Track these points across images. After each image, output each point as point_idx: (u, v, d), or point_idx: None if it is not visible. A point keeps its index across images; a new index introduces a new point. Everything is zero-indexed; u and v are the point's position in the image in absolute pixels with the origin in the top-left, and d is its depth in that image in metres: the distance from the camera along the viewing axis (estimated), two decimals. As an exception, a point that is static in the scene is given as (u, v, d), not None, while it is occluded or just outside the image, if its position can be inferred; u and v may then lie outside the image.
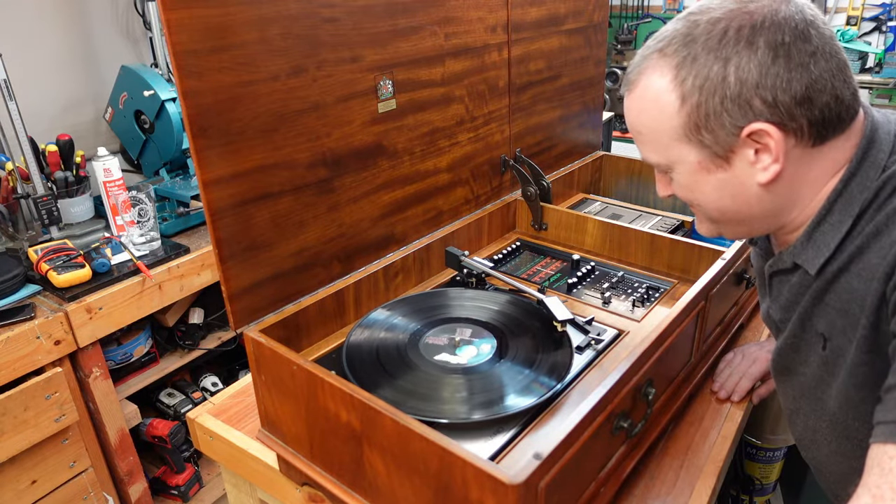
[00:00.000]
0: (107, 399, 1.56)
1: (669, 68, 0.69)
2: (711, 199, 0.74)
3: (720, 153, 0.69)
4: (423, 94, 1.11)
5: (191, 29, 0.75)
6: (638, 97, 0.73)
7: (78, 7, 1.98)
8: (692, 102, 0.68)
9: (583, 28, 1.51)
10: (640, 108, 0.73)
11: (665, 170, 0.76)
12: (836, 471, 0.82)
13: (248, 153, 0.85)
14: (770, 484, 1.48)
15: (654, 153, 0.75)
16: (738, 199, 0.72)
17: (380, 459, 0.72)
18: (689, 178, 0.73)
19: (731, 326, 1.15)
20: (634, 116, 0.75)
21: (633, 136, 0.78)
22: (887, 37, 3.52)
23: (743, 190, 0.71)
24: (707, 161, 0.70)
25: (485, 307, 1.02)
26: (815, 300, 0.74)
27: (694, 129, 0.69)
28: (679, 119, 0.69)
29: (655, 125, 0.72)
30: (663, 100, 0.70)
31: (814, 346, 0.77)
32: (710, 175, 0.71)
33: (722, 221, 0.77)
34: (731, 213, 0.74)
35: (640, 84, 0.73)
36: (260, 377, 0.86)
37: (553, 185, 1.38)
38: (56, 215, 1.63)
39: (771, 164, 0.68)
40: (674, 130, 0.71)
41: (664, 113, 0.70)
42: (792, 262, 0.76)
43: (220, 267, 0.85)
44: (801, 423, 0.84)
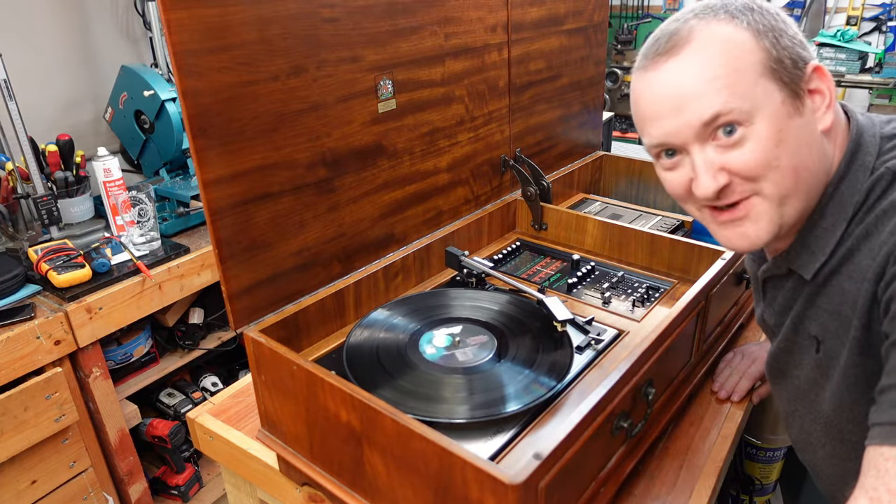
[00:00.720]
0: (107, 399, 1.56)
1: (727, 19, 0.67)
2: (795, 153, 0.67)
3: (797, 92, 0.68)
4: (423, 94, 1.11)
5: (191, 29, 0.75)
6: (700, 49, 0.67)
7: (78, 7, 1.98)
8: (766, 39, 0.67)
9: (583, 28, 1.51)
10: (710, 56, 0.66)
11: (744, 119, 0.66)
12: (831, 473, 0.82)
13: (248, 153, 0.85)
14: (770, 484, 1.48)
15: (737, 96, 0.65)
16: (813, 151, 0.69)
17: (380, 459, 0.72)
18: (775, 123, 0.66)
19: (731, 326, 1.15)
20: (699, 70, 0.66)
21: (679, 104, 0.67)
22: (887, 37, 3.52)
23: (814, 139, 0.69)
24: (788, 102, 0.67)
25: (485, 307, 1.02)
26: (808, 303, 0.74)
27: (776, 62, 0.66)
28: (760, 53, 0.66)
29: (735, 64, 0.66)
30: (738, 37, 0.67)
31: (807, 349, 0.77)
32: (791, 121, 0.67)
33: (793, 193, 0.69)
34: (806, 175, 0.69)
35: (694, 39, 0.67)
36: (260, 377, 0.86)
37: (553, 185, 1.38)
38: (56, 215, 1.63)
39: (826, 111, 0.69)
40: (758, 64, 0.66)
41: (744, 48, 0.66)
42: (786, 267, 0.76)
43: (220, 267, 0.85)
44: (797, 426, 0.85)
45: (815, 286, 0.73)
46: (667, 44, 0.69)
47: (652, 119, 0.71)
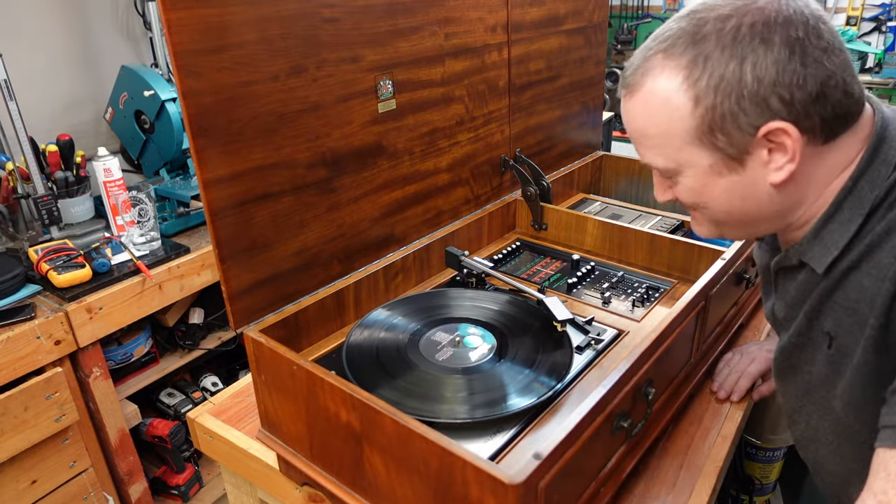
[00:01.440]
0: (107, 399, 1.56)
1: (679, 69, 0.66)
2: (720, 203, 0.72)
3: (734, 155, 0.67)
4: (423, 94, 1.11)
5: (191, 29, 0.75)
6: (643, 101, 0.70)
7: (78, 7, 1.98)
8: (707, 104, 0.65)
9: (583, 28, 1.51)
10: (648, 112, 0.70)
11: (671, 174, 0.73)
12: (834, 471, 0.81)
13: (248, 153, 0.85)
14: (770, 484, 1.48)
15: (662, 157, 0.72)
16: (749, 201, 0.70)
17: (380, 459, 0.72)
18: (698, 181, 0.71)
19: (731, 326, 1.15)
20: (639, 121, 0.72)
21: (633, 140, 0.75)
22: (887, 37, 3.52)
23: (754, 191, 0.69)
24: (720, 164, 0.68)
25: (485, 307, 1.02)
26: (823, 298, 0.73)
27: (707, 132, 0.67)
28: (692, 121, 0.67)
29: (665, 128, 0.69)
30: (674, 102, 0.67)
31: (819, 344, 0.75)
32: (721, 178, 0.69)
33: (727, 224, 0.75)
34: (739, 216, 0.73)
35: (644, 86, 0.70)
36: (260, 377, 0.86)
37: (553, 185, 1.38)
38: (56, 215, 1.63)
39: (786, 164, 0.66)
40: (686, 133, 0.68)
41: (676, 115, 0.68)
42: (798, 259, 0.75)
43: (220, 267, 0.85)
44: (803, 423, 0.83)
45: (832, 281, 0.71)
46: (627, 78, 0.72)
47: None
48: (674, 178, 0.73)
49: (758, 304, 1.27)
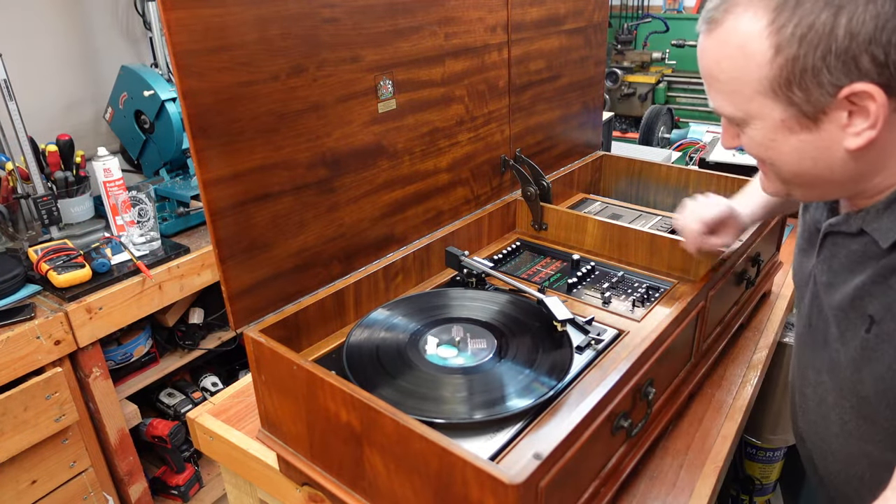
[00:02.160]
0: (107, 399, 1.56)
1: (767, 10, 0.60)
2: (788, 161, 0.66)
3: (809, 113, 0.62)
4: (423, 94, 1.11)
5: (191, 29, 0.75)
6: (721, 40, 0.64)
7: (78, 7, 1.98)
8: (788, 54, 0.60)
9: (583, 28, 1.51)
10: (722, 54, 0.64)
11: (739, 122, 0.68)
12: (839, 450, 0.79)
13: (248, 153, 0.85)
14: (770, 484, 1.48)
15: (731, 105, 0.66)
16: (820, 164, 0.65)
17: (380, 459, 0.72)
18: (766, 135, 0.65)
19: (731, 326, 1.15)
20: (712, 61, 0.66)
21: (704, 80, 0.69)
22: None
23: (827, 154, 0.64)
24: (792, 120, 0.63)
25: (485, 307, 1.02)
26: (878, 277, 0.67)
27: (785, 84, 0.61)
28: (769, 71, 0.61)
29: (739, 74, 0.64)
30: (753, 47, 0.61)
31: (857, 325, 0.71)
32: (791, 135, 0.64)
33: (794, 183, 0.70)
34: (808, 178, 0.67)
35: (725, 24, 0.63)
36: (260, 377, 0.86)
37: (553, 185, 1.38)
38: (56, 215, 1.63)
39: (865, 130, 0.60)
40: (760, 83, 0.62)
41: (752, 62, 0.62)
42: (859, 227, 0.69)
43: (220, 267, 0.85)
44: (816, 398, 0.80)
45: (890, 260, 0.65)
46: (709, 12, 0.66)
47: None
48: (742, 126, 0.68)
49: (758, 304, 1.28)
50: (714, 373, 1.09)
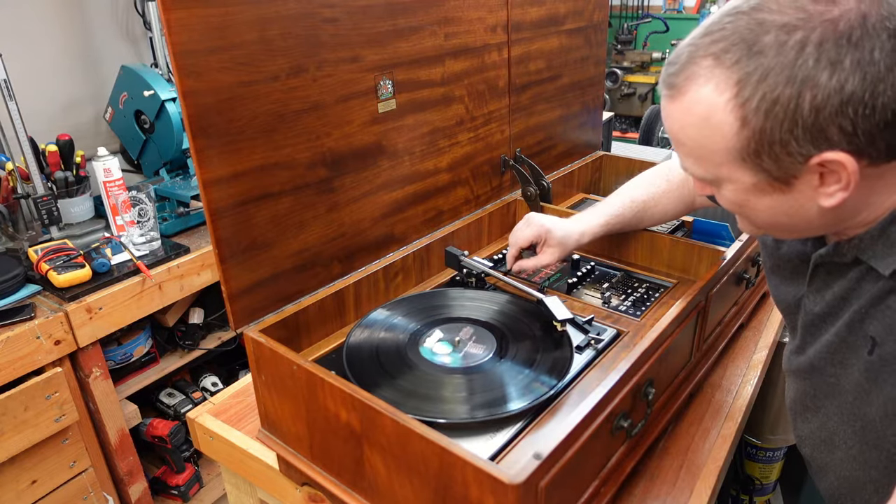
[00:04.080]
0: (107, 399, 1.56)
1: (728, 84, 0.59)
2: (764, 217, 0.67)
3: (780, 177, 0.61)
4: (423, 94, 1.11)
5: (191, 29, 0.75)
6: (684, 108, 0.64)
7: (78, 7, 1.98)
8: (755, 126, 0.59)
9: (583, 28, 1.51)
10: (686, 122, 0.64)
11: (710, 182, 0.68)
12: (846, 476, 0.78)
13: (248, 153, 0.85)
14: (770, 484, 1.48)
15: (700, 169, 0.67)
16: (796, 218, 0.65)
17: (380, 459, 0.72)
18: (739, 196, 0.66)
19: (731, 326, 1.15)
20: (677, 127, 0.66)
21: (673, 143, 0.69)
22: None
23: (803, 211, 0.64)
24: (763, 183, 0.63)
25: (485, 307, 1.02)
26: (876, 300, 0.66)
27: (753, 154, 0.61)
28: (737, 142, 0.61)
29: (706, 143, 0.63)
30: (718, 118, 0.61)
31: (857, 349, 0.70)
32: (764, 196, 0.64)
33: (773, 230, 0.71)
34: (785, 227, 0.68)
35: (688, 93, 0.63)
36: (260, 377, 0.86)
37: (553, 185, 1.38)
38: (56, 215, 1.63)
39: (838, 192, 0.60)
40: (728, 153, 0.62)
41: (718, 133, 0.62)
42: (854, 256, 0.68)
43: (220, 267, 0.85)
44: (817, 423, 0.79)
45: (889, 283, 0.64)
46: (671, 77, 0.65)
47: None
48: (713, 186, 0.69)
49: (758, 304, 1.27)
50: (714, 373, 1.09)
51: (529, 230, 1.07)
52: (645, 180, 1.13)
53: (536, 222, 1.07)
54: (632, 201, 1.11)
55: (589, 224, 1.09)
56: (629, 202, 1.11)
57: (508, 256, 1.10)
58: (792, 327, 0.85)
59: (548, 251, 1.07)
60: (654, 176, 1.13)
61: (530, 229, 1.07)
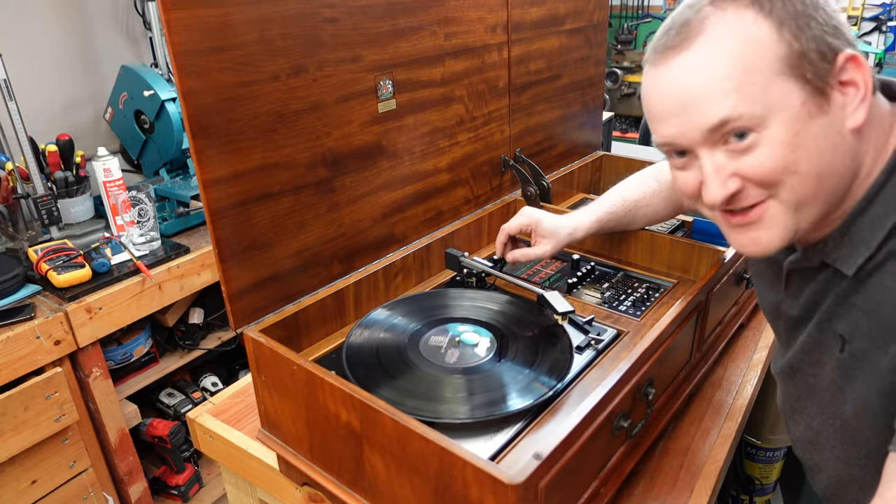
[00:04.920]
0: (107, 399, 1.56)
1: (746, 5, 0.61)
2: (815, 156, 0.62)
3: (820, 88, 0.61)
4: (423, 94, 1.11)
5: (191, 29, 0.75)
6: (708, 44, 0.61)
7: (78, 7, 1.98)
8: (792, 28, 0.60)
9: (583, 28, 1.51)
10: (720, 52, 0.61)
11: (753, 128, 0.61)
12: (833, 476, 0.79)
13: (248, 153, 0.85)
14: (770, 484, 1.48)
15: (747, 101, 0.61)
16: (838, 154, 0.63)
17: (380, 459, 0.72)
18: (791, 128, 0.61)
19: (731, 326, 1.15)
20: (706, 69, 0.61)
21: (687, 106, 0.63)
22: (887, 37, 3.52)
23: (841, 140, 0.63)
24: (810, 101, 0.61)
25: (485, 307, 1.02)
26: (840, 300, 0.68)
27: (798, 58, 0.60)
28: (780, 49, 0.60)
29: (751, 61, 0.60)
30: (755, 32, 0.60)
31: (829, 347, 0.71)
32: (811, 122, 0.61)
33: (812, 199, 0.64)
34: (827, 178, 0.63)
35: (704, 32, 0.61)
36: (260, 377, 0.86)
37: (553, 185, 1.38)
38: (56, 215, 1.63)
39: (861, 102, 0.62)
40: (773, 63, 0.60)
41: (762, 45, 0.60)
42: (819, 260, 0.69)
43: (220, 267, 0.85)
44: (804, 424, 0.81)
45: (852, 282, 0.66)
46: (676, 36, 0.63)
47: (659, 119, 0.67)
48: (759, 131, 0.61)
49: (758, 304, 1.27)
50: (714, 373, 1.09)
51: (519, 219, 1.09)
52: (637, 180, 1.13)
53: (526, 212, 1.09)
54: (623, 200, 1.11)
55: (581, 220, 1.10)
56: (621, 201, 1.11)
57: (498, 242, 1.10)
58: (776, 332, 0.87)
59: (540, 242, 1.06)
60: (646, 176, 1.13)
61: (519, 218, 1.09)
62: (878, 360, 0.64)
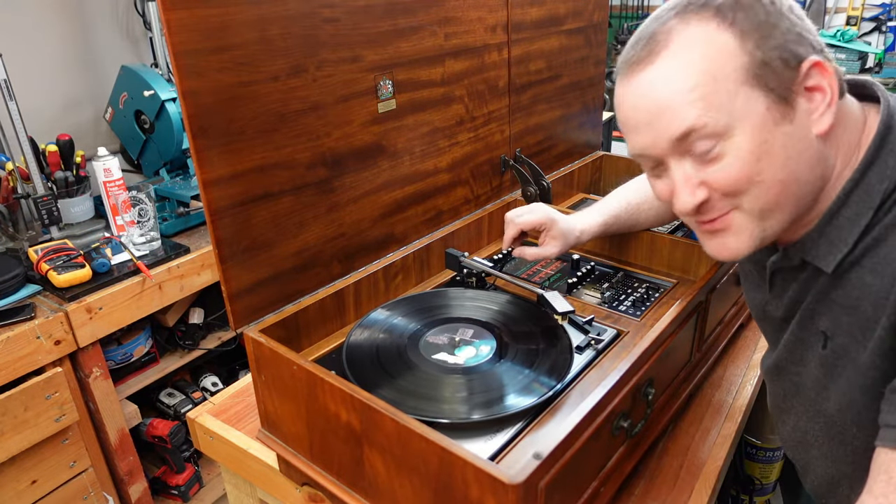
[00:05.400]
0: (107, 399, 1.56)
1: (708, 16, 0.62)
2: (780, 163, 0.63)
3: (784, 96, 0.62)
4: (423, 94, 1.11)
5: (191, 29, 0.75)
6: (672, 56, 0.63)
7: (78, 7, 1.98)
8: (755, 37, 0.61)
9: (583, 28, 1.51)
10: (685, 63, 0.62)
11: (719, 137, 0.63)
12: (822, 474, 0.79)
13: (248, 153, 0.85)
14: (770, 484, 1.48)
15: (713, 110, 0.62)
16: (803, 160, 0.64)
17: (380, 459, 0.72)
18: (756, 136, 0.62)
19: (731, 326, 1.15)
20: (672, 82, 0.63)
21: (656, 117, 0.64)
22: (887, 37, 3.52)
23: (807, 146, 0.64)
24: (774, 108, 0.62)
25: (485, 307, 1.02)
26: (820, 296, 0.69)
27: (761, 67, 0.61)
28: (743, 58, 0.61)
29: (716, 70, 0.61)
30: (718, 41, 0.61)
31: (812, 345, 0.73)
32: (777, 129, 0.62)
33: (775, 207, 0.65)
34: (793, 186, 0.65)
35: (669, 45, 0.63)
36: (260, 377, 0.86)
37: (553, 185, 1.38)
38: (56, 215, 1.63)
39: (827, 108, 0.63)
40: (737, 72, 0.61)
41: (725, 53, 0.61)
42: (800, 259, 0.71)
43: (220, 267, 0.85)
44: (791, 423, 0.82)
45: (831, 279, 0.67)
46: (643, 49, 0.65)
47: (630, 130, 0.69)
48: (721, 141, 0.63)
49: (758, 304, 1.28)
50: (714, 373, 1.09)
51: (534, 216, 1.04)
52: (639, 184, 1.13)
53: (542, 210, 1.05)
54: (627, 203, 1.12)
55: (589, 224, 1.09)
56: (625, 204, 1.12)
57: (507, 236, 1.06)
58: (764, 332, 0.88)
59: (551, 242, 1.04)
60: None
61: (535, 215, 1.04)
62: (858, 356, 0.65)
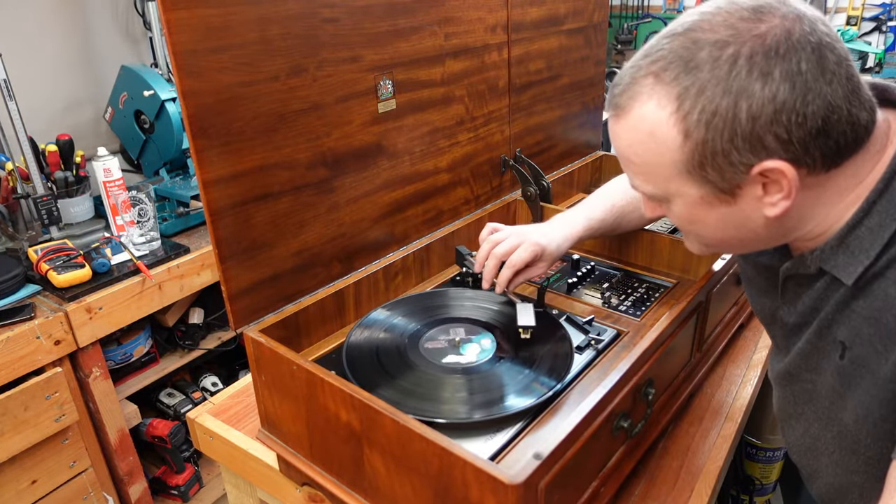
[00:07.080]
0: (107, 399, 1.56)
1: (669, 99, 0.62)
2: (713, 231, 0.69)
3: (726, 189, 0.64)
4: (423, 94, 1.11)
5: (191, 29, 0.75)
6: (630, 127, 0.66)
7: (78, 7, 1.98)
8: (697, 139, 0.61)
9: (583, 28, 1.51)
10: (634, 139, 0.67)
11: (660, 199, 0.70)
12: (832, 482, 0.78)
13: (248, 153, 0.85)
14: (770, 484, 1.48)
15: (649, 185, 0.69)
16: (743, 230, 0.67)
17: (380, 459, 0.72)
18: (688, 210, 0.68)
19: (731, 326, 1.15)
20: (625, 145, 0.68)
21: (621, 162, 0.72)
22: (887, 37, 3.52)
23: (749, 222, 0.66)
24: (710, 196, 0.65)
25: (485, 307, 1.02)
26: (841, 306, 0.68)
27: (698, 166, 0.63)
28: (681, 155, 0.63)
29: (652, 159, 0.66)
30: (662, 133, 0.63)
31: (828, 354, 0.71)
32: (712, 209, 0.66)
33: (721, 247, 0.72)
34: (735, 241, 0.70)
35: (632, 112, 0.66)
36: (260, 377, 0.86)
37: (553, 185, 1.38)
38: (56, 215, 1.63)
39: (780, 201, 0.62)
40: (674, 166, 0.64)
41: (664, 147, 0.64)
42: (818, 267, 0.69)
43: (220, 267, 0.85)
44: (801, 429, 0.81)
45: (852, 289, 0.66)
46: (619, 97, 0.67)
47: None
48: (663, 203, 0.71)
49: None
50: (714, 373, 1.09)
51: (525, 252, 0.98)
52: (624, 184, 1.12)
53: (527, 239, 0.99)
54: (612, 206, 1.10)
55: (571, 231, 1.06)
56: (610, 206, 1.10)
57: (502, 278, 1.00)
58: (772, 336, 0.87)
59: (541, 265, 1.02)
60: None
61: (525, 251, 0.98)
62: (878, 368, 0.64)
